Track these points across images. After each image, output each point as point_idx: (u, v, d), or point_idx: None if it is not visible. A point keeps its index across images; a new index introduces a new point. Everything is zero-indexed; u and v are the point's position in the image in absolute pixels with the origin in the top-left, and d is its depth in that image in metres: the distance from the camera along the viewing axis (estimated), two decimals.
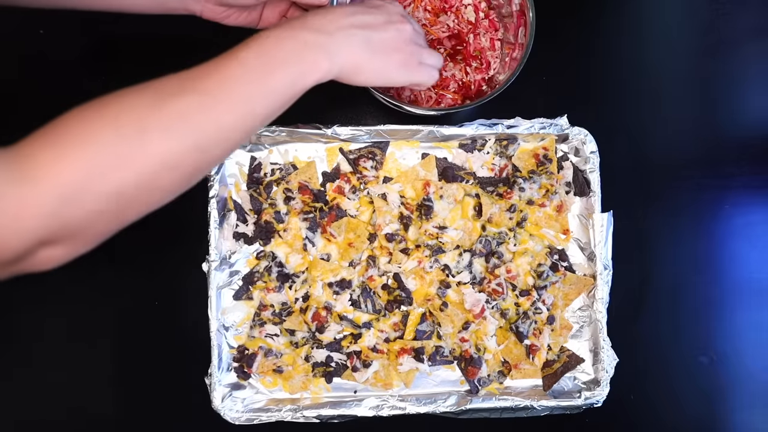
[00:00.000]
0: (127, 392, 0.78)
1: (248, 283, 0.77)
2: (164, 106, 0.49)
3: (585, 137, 0.79)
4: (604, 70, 0.85)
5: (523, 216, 0.79)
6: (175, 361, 0.77)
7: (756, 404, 0.83)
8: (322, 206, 0.77)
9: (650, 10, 0.87)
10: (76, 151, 0.45)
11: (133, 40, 0.80)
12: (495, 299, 0.78)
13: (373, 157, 0.78)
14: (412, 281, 0.78)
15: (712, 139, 0.86)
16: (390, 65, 0.61)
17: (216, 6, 0.68)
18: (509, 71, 0.73)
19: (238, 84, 0.52)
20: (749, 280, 0.84)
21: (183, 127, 0.49)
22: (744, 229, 0.85)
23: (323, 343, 0.77)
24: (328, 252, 0.78)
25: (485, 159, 0.80)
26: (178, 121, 0.49)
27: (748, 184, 0.85)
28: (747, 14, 0.87)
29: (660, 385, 0.82)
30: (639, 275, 0.82)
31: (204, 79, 0.52)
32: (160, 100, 0.49)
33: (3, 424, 0.77)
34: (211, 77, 0.52)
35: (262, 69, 0.53)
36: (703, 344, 0.83)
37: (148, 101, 0.49)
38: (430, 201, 0.77)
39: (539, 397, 0.77)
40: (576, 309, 0.80)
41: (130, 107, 0.49)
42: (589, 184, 0.79)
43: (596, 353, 0.78)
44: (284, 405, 0.75)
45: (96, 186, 0.46)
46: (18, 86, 0.79)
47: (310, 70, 0.55)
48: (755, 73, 0.87)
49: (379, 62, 0.60)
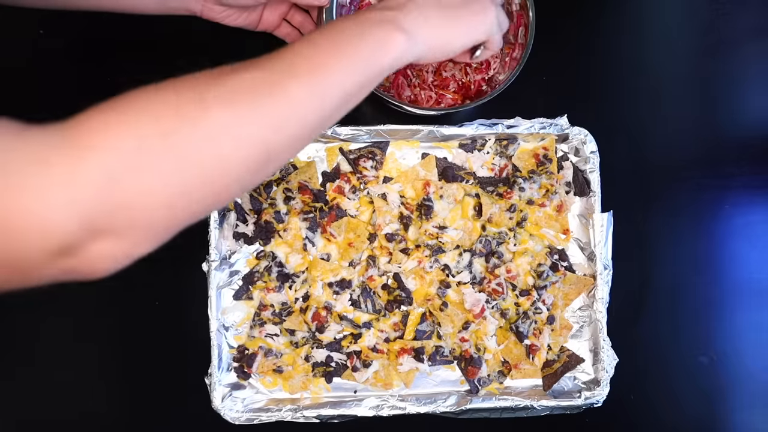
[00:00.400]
0: (127, 392, 0.78)
1: (248, 283, 0.77)
2: (227, 78, 0.44)
3: (585, 137, 0.79)
4: (604, 70, 0.85)
5: (523, 216, 0.79)
6: (175, 361, 0.77)
7: (756, 404, 0.83)
8: (322, 206, 0.77)
9: (650, 10, 0.87)
10: (131, 118, 0.41)
11: (133, 40, 0.80)
12: (495, 299, 0.78)
13: (373, 157, 0.78)
14: (412, 281, 0.78)
15: (712, 139, 0.86)
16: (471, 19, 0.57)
17: (216, 6, 0.68)
18: (509, 71, 0.73)
19: (307, 60, 0.47)
20: (749, 281, 0.84)
21: (245, 96, 0.44)
22: (744, 229, 0.85)
23: (323, 343, 0.77)
24: (328, 252, 0.78)
25: (485, 159, 0.80)
26: (240, 91, 0.44)
27: (748, 184, 0.85)
28: (747, 14, 0.87)
29: (660, 385, 0.82)
30: (639, 275, 0.82)
31: (269, 58, 0.47)
32: (222, 75, 0.45)
33: (5, 424, 0.77)
34: (277, 56, 0.47)
35: (331, 47, 0.49)
36: (703, 344, 0.83)
37: (210, 78, 0.45)
38: (430, 201, 0.77)
39: (539, 397, 0.77)
40: (576, 309, 0.80)
41: (192, 82, 0.44)
42: (589, 184, 0.79)
43: (596, 353, 0.78)
44: (284, 405, 0.75)
45: (151, 151, 0.41)
46: (18, 86, 0.79)
47: (385, 46, 0.50)
48: (755, 73, 0.87)
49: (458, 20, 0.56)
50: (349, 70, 0.49)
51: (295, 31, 0.76)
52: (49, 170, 0.38)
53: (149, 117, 0.41)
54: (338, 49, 0.49)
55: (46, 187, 0.38)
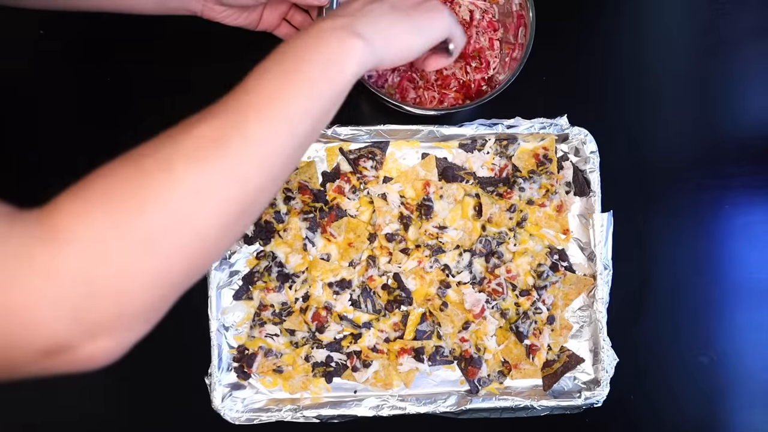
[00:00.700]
0: (127, 392, 0.78)
1: (248, 283, 0.77)
2: (186, 137, 0.42)
3: (585, 137, 0.79)
4: (604, 70, 0.85)
5: (523, 216, 0.79)
6: (175, 361, 0.77)
7: (756, 404, 0.83)
8: (322, 206, 0.77)
9: (650, 9, 0.87)
10: (100, 202, 0.40)
11: (133, 40, 0.80)
12: (495, 299, 0.78)
13: (373, 157, 0.78)
14: (412, 281, 0.78)
15: (712, 139, 0.86)
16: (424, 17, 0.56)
17: (216, 6, 0.68)
18: (509, 71, 0.73)
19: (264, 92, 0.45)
20: (749, 281, 0.84)
21: (208, 153, 0.42)
22: (744, 229, 0.85)
23: (323, 343, 0.77)
24: (328, 252, 0.78)
25: (485, 159, 0.80)
26: (202, 148, 0.42)
27: (748, 184, 0.85)
28: (747, 14, 0.87)
29: (660, 385, 0.82)
30: (639, 275, 0.82)
31: (225, 102, 0.45)
32: (181, 134, 0.43)
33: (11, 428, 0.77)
34: (232, 98, 0.45)
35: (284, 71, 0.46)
36: (703, 344, 0.83)
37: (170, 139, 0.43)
38: (430, 201, 0.77)
39: (539, 397, 0.77)
40: (576, 309, 0.80)
41: (154, 147, 0.42)
42: (589, 184, 0.79)
43: (596, 353, 0.78)
44: (284, 405, 0.75)
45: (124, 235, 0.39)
46: (18, 87, 0.79)
47: (343, 56, 0.48)
48: (755, 73, 0.87)
49: (412, 20, 0.55)
50: (311, 93, 0.46)
51: (295, 30, 0.76)
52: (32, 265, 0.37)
53: (116, 199, 0.40)
54: (292, 74, 0.46)
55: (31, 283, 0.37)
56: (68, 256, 0.38)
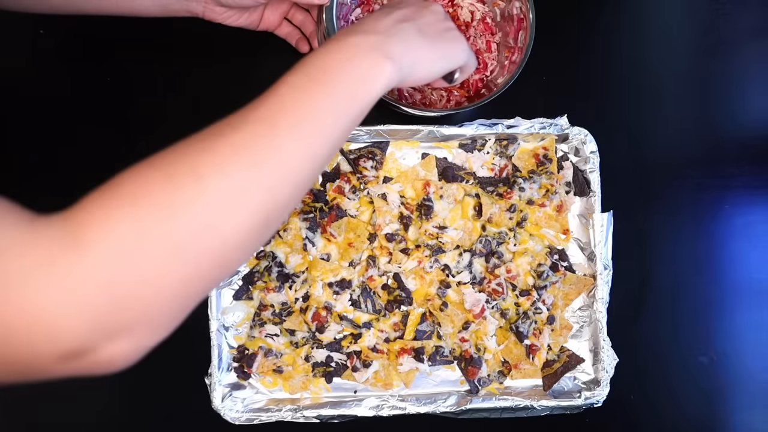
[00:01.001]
0: (127, 392, 0.78)
1: (248, 283, 0.77)
2: (216, 144, 0.43)
3: (585, 137, 0.79)
4: (604, 70, 0.85)
5: (523, 216, 0.79)
6: (176, 361, 0.77)
7: (756, 404, 0.83)
8: (322, 206, 0.77)
9: (650, 9, 0.87)
10: (127, 207, 0.39)
11: (133, 40, 0.80)
12: (495, 299, 0.78)
13: (373, 157, 0.78)
14: (412, 281, 0.78)
15: (712, 139, 0.86)
16: (448, 46, 0.58)
17: (217, 7, 0.68)
18: (508, 74, 0.73)
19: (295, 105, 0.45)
20: (749, 280, 0.84)
21: (239, 161, 0.42)
22: (744, 229, 0.85)
23: (323, 343, 0.77)
24: (328, 252, 0.78)
25: (485, 159, 0.80)
26: (232, 156, 0.42)
27: (748, 184, 0.85)
28: (747, 14, 0.87)
29: (660, 385, 0.82)
30: (639, 275, 0.82)
31: (254, 110, 0.45)
32: (210, 139, 0.43)
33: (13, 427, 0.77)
34: (262, 106, 0.45)
35: (316, 85, 0.47)
36: (703, 344, 0.83)
37: (199, 144, 0.43)
38: (430, 201, 0.77)
39: (539, 397, 0.77)
40: (576, 309, 0.80)
41: (182, 152, 0.43)
42: (589, 184, 0.79)
43: (596, 353, 0.78)
44: (284, 405, 0.75)
45: (151, 242, 0.39)
46: (18, 86, 0.79)
47: (372, 76, 0.49)
48: (755, 73, 0.87)
49: (438, 48, 0.57)
50: (340, 110, 0.47)
51: (296, 30, 0.76)
52: (54, 271, 0.37)
53: (145, 204, 0.40)
54: (324, 87, 0.47)
55: (52, 289, 0.37)
56: (94, 263, 0.38)
